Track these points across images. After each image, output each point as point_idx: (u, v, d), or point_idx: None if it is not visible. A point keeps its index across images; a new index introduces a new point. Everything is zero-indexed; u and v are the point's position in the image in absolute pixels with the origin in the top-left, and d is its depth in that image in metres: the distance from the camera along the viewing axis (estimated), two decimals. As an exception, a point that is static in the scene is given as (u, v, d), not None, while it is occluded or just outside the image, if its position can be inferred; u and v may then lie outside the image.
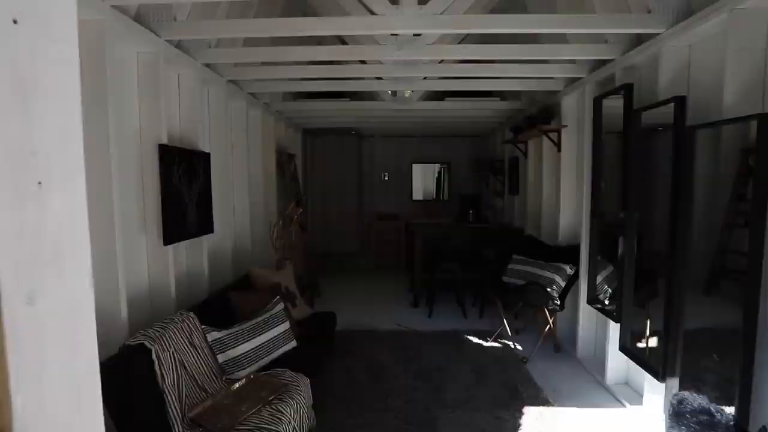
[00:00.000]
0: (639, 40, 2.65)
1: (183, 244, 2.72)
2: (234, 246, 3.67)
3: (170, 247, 2.41)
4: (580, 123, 3.66)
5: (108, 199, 1.90)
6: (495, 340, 3.79)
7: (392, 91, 4.50)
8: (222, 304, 2.68)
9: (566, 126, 3.64)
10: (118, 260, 1.92)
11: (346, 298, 5.30)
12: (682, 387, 2.21)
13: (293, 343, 2.71)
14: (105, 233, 1.90)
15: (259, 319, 2.57)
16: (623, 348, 2.71)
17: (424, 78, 3.71)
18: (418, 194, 7.30)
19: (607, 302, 3.18)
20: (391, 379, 3.05)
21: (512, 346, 3.68)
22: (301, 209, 4.40)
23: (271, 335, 2.54)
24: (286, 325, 2.70)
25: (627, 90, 2.60)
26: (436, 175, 7.29)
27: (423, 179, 7.30)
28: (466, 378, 3.06)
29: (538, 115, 3.73)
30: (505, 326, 3.61)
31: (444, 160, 7.32)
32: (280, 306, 2.79)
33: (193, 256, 2.84)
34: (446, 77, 3.82)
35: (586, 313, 3.41)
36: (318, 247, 6.51)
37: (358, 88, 3.88)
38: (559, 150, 3.77)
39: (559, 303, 3.37)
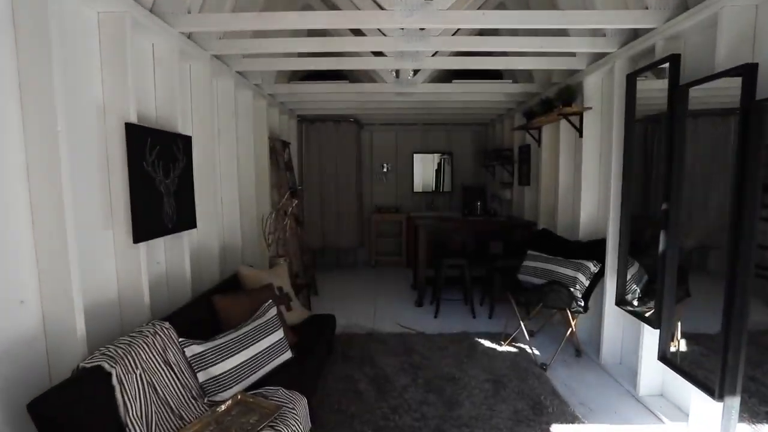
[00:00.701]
0: (685, 5, 2.30)
1: (159, 242, 2.35)
2: (221, 242, 3.31)
3: (142, 245, 2.04)
4: (605, 105, 3.32)
5: (56, 186, 1.53)
6: (509, 344, 3.47)
7: (395, 71, 4.13)
8: (205, 310, 2.32)
9: (590, 108, 3.29)
10: (71, 261, 1.56)
11: (345, 296, 4.96)
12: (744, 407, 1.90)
13: (288, 354, 2.36)
14: (52, 228, 1.54)
15: (249, 327, 2.22)
16: (663, 358, 2.40)
17: (434, 54, 3.33)
18: (419, 186, 6.94)
19: (636, 303, 2.87)
20: (399, 392, 2.72)
21: (529, 351, 3.37)
22: (297, 201, 4.03)
23: (262, 346, 2.19)
24: (279, 334, 2.35)
25: (673, 62, 2.25)
26: (438, 166, 6.92)
27: (425, 170, 6.93)
28: (482, 389, 2.74)
29: (557, 97, 3.38)
30: (522, 329, 3.29)
31: (447, 150, 6.96)
32: (273, 311, 2.44)
33: (172, 255, 2.47)
34: (458, 53, 3.45)
35: (612, 316, 3.09)
36: (314, 242, 6.15)
37: (357, 66, 3.49)
38: (581, 135, 3.43)
39: (583, 304, 3.05)
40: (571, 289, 3.04)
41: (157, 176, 2.15)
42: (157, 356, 1.73)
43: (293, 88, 4.29)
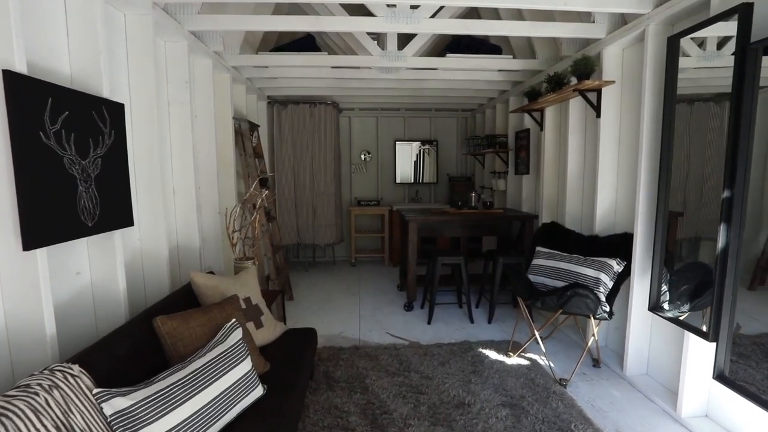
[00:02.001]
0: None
1: (76, 246, 1.72)
2: (173, 243, 2.67)
3: (40, 251, 1.41)
4: (627, 81, 2.89)
5: None
6: (519, 355, 3.02)
7: (380, 36, 3.57)
8: (143, 338, 1.71)
9: (613, 82, 2.85)
10: None
11: (325, 301, 4.40)
12: None
13: (258, 391, 1.80)
14: None
15: (204, 361, 1.63)
16: (722, 377, 1.99)
17: (434, 14, 2.79)
18: (402, 176, 6.42)
19: (666, 306, 2.47)
20: (399, 427, 2.20)
21: (541, 362, 2.93)
22: (267, 192, 3.42)
23: (222, 386, 1.61)
24: (246, 365, 1.78)
25: (744, 14, 1.81)
26: (422, 156, 6.42)
27: (408, 159, 6.42)
28: (499, 417, 2.26)
29: (574, 70, 2.92)
30: (537, 339, 2.83)
31: (431, 138, 6.47)
32: (238, 333, 1.86)
33: (99, 263, 1.84)
34: (460, 13, 2.91)
35: (639, 322, 2.69)
36: (288, 238, 5.53)
37: (340, 27, 2.91)
38: (598, 115, 2.99)
39: (608, 309, 2.63)
40: (597, 293, 2.61)
41: (67, 154, 1.52)
42: (50, 423, 1.12)
43: (262, 60, 3.65)
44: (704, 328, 2.20)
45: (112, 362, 1.52)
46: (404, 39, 3.57)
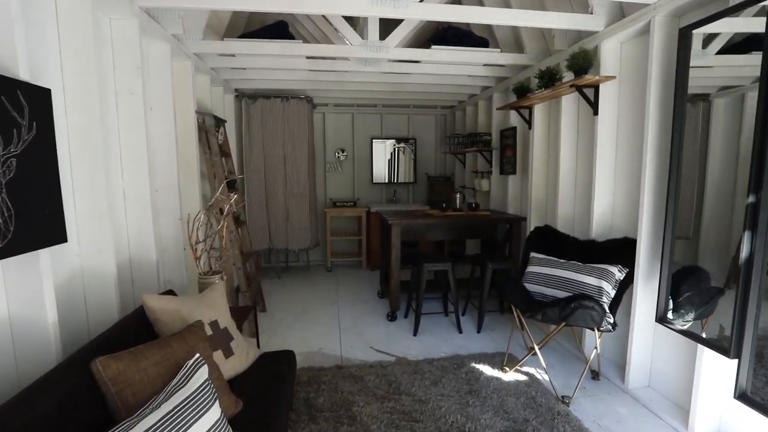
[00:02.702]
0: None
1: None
2: (123, 258, 2.27)
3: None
4: (626, 77, 2.73)
5: None
6: (516, 370, 2.82)
7: (361, 20, 3.28)
8: (75, 389, 1.34)
9: (614, 77, 2.68)
10: None
11: (300, 312, 4.05)
12: None
13: (230, 444, 1.47)
14: None
15: (159, 415, 1.28)
16: (744, 397, 1.83)
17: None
18: (379, 176, 6.14)
19: (670, 316, 2.32)
20: (395, 464, 1.92)
21: (539, 377, 2.73)
22: (236, 194, 3.05)
23: (183, 447, 1.27)
24: (214, 413, 1.44)
25: (776, 0, 1.65)
26: (398, 153, 6.16)
27: (385, 158, 6.14)
28: (504, 448, 2.03)
29: (571, 65, 2.73)
30: (538, 355, 2.63)
31: (409, 137, 6.22)
32: (203, 373, 1.52)
33: (16, 294, 1.45)
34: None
35: (643, 333, 2.54)
36: (259, 243, 5.13)
37: (319, 9, 2.59)
38: (596, 113, 2.82)
39: (612, 321, 2.46)
40: (601, 303, 2.43)
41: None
42: None
43: (228, 47, 3.26)
44: (704, 335, 2.08)
45: (35, 425, 1.16)
46: (386, 29, 3.29)
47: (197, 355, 1.58)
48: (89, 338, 1.81)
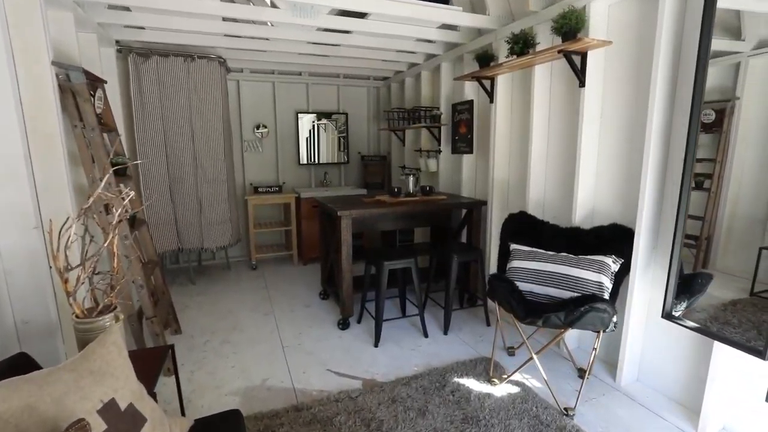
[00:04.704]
0: None
1: None
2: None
3: None
4: (617, 43, 2.41)
5: None
6: (506, 381, 2.46)
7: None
8: None
9: (611, 43, 2.34)
10: None
11: (227, 329, 3.24)
12: None
13: None
14: None
15: None
16: (785, 404, 1.66)
17: None
18: (307, 156, 5.36)
19: (677, 311, 2.13)
20: None
21: (531, 386, 2.41)
22: (131, 188, 2.13)
23: None
24: None
25: None
26: (324, 129, 5.44)
27: (313, 135, 5.37)
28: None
29: (559, 27, 2.33)
30: (536, 363, 2.28)
31: (340, 110, 5.51)
32: None
33: None
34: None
35: (639, 328, 2.34)
36: (163, 245, 4.09)
37: None
38: (582, 84, 2.49)
39: (616, 320, 2.19)
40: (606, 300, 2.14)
41: None
42: None
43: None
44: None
45: None
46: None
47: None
48: None
